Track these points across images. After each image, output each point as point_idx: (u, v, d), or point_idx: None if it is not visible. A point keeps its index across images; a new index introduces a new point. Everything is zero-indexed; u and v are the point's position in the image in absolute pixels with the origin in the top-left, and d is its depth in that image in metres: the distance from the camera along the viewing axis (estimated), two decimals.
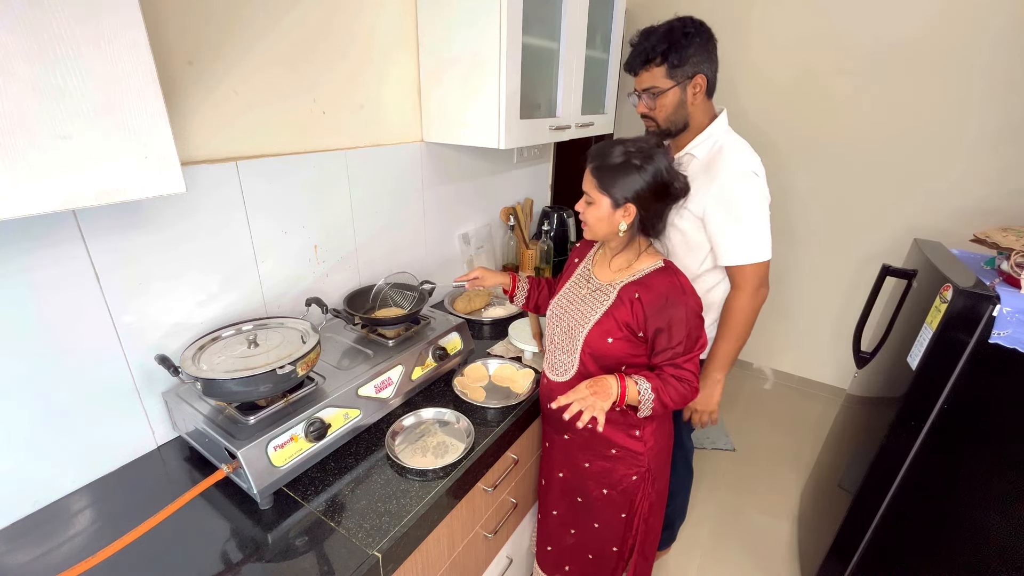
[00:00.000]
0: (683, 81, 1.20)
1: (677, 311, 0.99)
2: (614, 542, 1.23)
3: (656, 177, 0.97)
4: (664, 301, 0.99)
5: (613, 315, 1.04)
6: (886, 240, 2.48)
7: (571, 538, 1.30)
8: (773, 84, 2.51)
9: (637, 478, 1.14)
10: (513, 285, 1.34)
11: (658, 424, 1.14)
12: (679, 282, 1.01)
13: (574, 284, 1.16)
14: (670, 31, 1.19)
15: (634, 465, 1.13)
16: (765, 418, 2.68)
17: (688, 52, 1.18)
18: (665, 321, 0.99)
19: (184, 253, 1.01)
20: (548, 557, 1.37)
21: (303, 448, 0.94)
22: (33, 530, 0.84)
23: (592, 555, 1.28)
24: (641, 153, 0.97)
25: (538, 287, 1.36)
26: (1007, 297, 1.09)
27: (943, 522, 1.31)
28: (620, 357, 1.05)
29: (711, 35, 1.22)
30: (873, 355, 1.59)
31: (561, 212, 2.15)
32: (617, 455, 1.14)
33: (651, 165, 0.96)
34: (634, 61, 1.25)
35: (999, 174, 2.18)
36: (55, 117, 0.57)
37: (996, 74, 2.08)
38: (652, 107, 1.25)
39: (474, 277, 1.32)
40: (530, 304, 1.36)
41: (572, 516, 1.27)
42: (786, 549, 1.91)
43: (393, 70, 1.37)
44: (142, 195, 0.67)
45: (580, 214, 1.06)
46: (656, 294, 1.00)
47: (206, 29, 0.95)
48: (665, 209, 1.03)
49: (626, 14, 1.92)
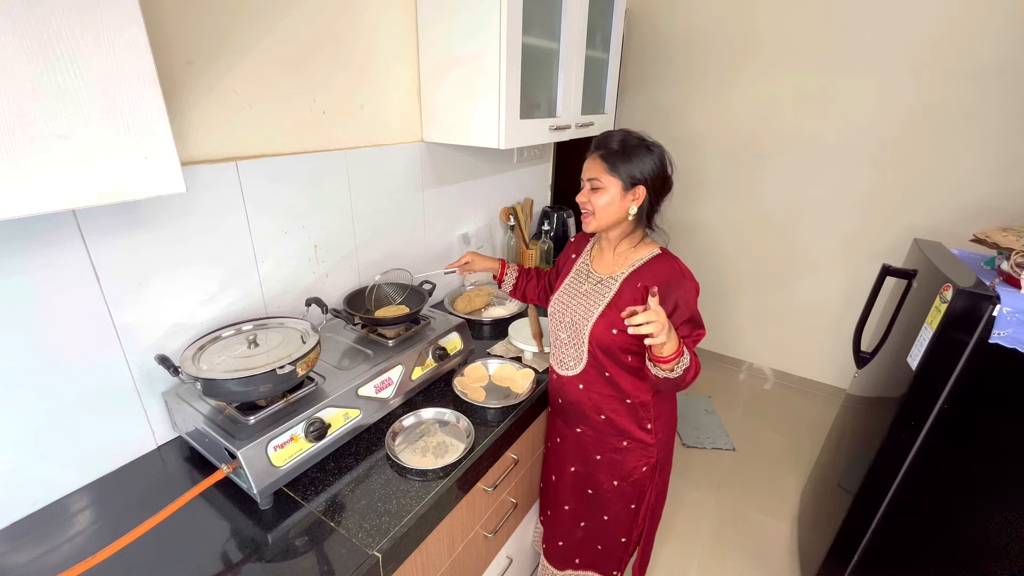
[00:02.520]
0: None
1: (680, 294, 1.02)
2: (623, 533, 1.25)
3: (662, 160, 1.02)
4: (668, 286, 1.02)
5: (617, 306, 1.05)
6: (886, 240, 2.48)
7: (581, 531, 1.31)
8: (773, 84, 2.51)
9: (647, 469, 1.16)
10: (502, 271, 1.38)
11: (667, 417, 1.17)
12: (679, 267, 1.05)
13: (574, 279, 1.16)
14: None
15: (644, 456, 1.16)
16: (765, 418, 2.68)
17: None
18: (672, 304, 1.01)
19: (184, 253, 1.00)
20: (558, 552, 1.38)
21: (303, 448, 0.94)
22: (33, 530, 0.84)
23: (601, 546, 1.31)
24: (647, 139, 1.03)
25: (527, 276, 1.40)
26: (1007, 297, 1.09)
27: (943, 522, 1.31)
28: (627, 347, 1.06)
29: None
30: (873, 355, 1.59)
31: (561, 212, 2.15)
32: (628, 447, 1.15)
33: (658, 149, 1.02)
34: None
35: (999, 174, 2.18)
36: (55, 117, 0.57)
37: (996, 74, 2.08)
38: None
39: (464, 262, 1.36)
40: (518, 291, 1.40)
41: (583, 509, 1.28)
42: (786, 549, 1.91)
43: (393, 70, 1.37)
44: (142, 195, 0.67)
45: (583, 205, 1.07)
46: (660, 280, 1.03)
47: (206, 29, 0.95)
48: (662, 198, 1.06)
49: (626, 14, 1.92)
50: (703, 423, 2.58)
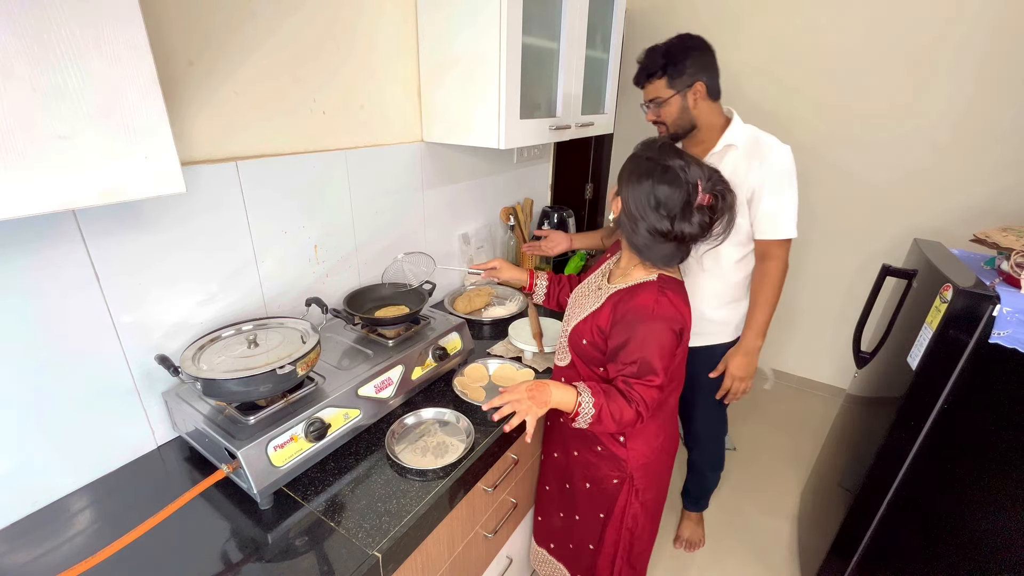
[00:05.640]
0: (683, 89, 1.33)
1: (639, 331, 0.95)
2: (591, 540, 1.24)
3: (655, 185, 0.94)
4: (631, 316, 0.96)
5: (596, 318, 1.04)
6: (886, 240, 2.48)
7: (559, 520, 1.33)
8: (773, 85, 2.51)
9: (618, 482, 1.14)
10: (531, 281, 1.37)
11: (646, 437, 1.11)
12: (652, 304, 0.95)
13: (594, 278, 1.16)
14: (669, 48, 1.33)
15: (616, 468, 1.13)
16: (765, 418, 2.68)
17: (685, 64, 1.30)
18: (625, 336, 0.96)
19: (184, 253, 1.00)
20: (539, 527, 1.41)
21: (303, 448, 0.94)
22: (32, 530, 0.84)
23: (572, 545, 1.31)
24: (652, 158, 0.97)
25: (558, 283, 1.38)
26: (1007, 297, 1.09)
27: (943, 522, 1.31)
28: (595, 359, 1.05)
29: (708, 47, 1.34)
30: (873, 355, 1.59)
31: (561, 212, 2.15)
32: (602, 453, 1.14)
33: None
34: (640, 76, 1.39)
35: (999, 174, 2.18)
36: (55, 117, 0.57)
37: (996, 74, 2.08)
38: (659, 115, 1.39)
39: (492, 267, 1.36)
40: (551, 300, 1.38)
41: (561, 500, 1.29)
42: (786, 549, 1.91)
43: (393, 70, 1.37)
44: (142, 195, 0.67)
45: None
46: (628, 306, 0.97)
47: (207, 29, 0.95)
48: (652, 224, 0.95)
49: (626, 14, 1.92)
50: None
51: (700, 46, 1.32)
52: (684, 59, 1.30)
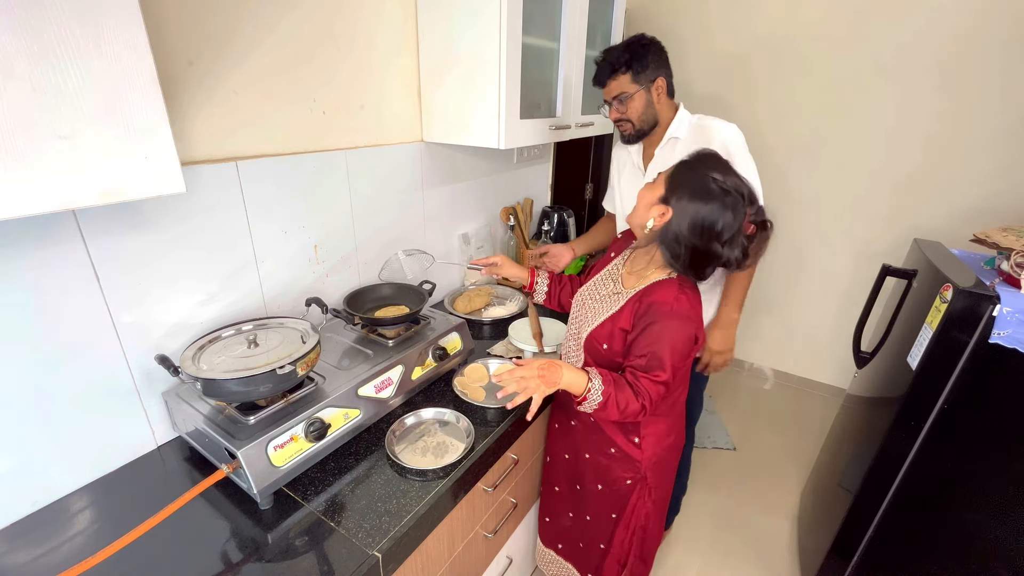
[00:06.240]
0: (647, 84, 1.36)
1: (657, 326, 0.96)
2: (602, 540, 1.24)
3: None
4: (651, 310, 0.97)
5: (615, 320, 1.03)
6: (886, 240, 2.48)
7: (568, 521, 1.32)
8: (772, 86, 2.51)
9: (631, 483, 1.14)
10: (532, 280, 1.36)
11: (659, 436, 1.13)
12: (671, 301, 0.96)
13: (601, 279, 1.15)
14: (630, 44, 1.35)
15: (630, 469, 1.14)
16: (765, 418, 2.68)
17: (648, 59, 1.34)
18: (642, 327, 0.97)
19: (184, 253, 1.00)
20: (546, 528, 1.41)
21: (303, 448, 0.94)
22: (32, 530, 0.84)
23: (582, 544, 1.31)
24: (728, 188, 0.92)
25: (559, 282, 1.37)
26: (1007, 297, 1.09)
27: (943, 522, 1.31)
28: (611, 363, 1.05)
29: (662, 47, 1.38)
30: (873, 355, 1.59)
31: (561, 212, 2.15)
32: (616, 455, 1.14)
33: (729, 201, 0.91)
34: (602, 73, 1.39)
35: (998, 174, 2.18)
36: (55, 117, 0.57)
37: (995, 74, 2.08)
38: (623, 111, 1.39)
39: (492, 263, 1.35)
40: (552, 300, 1.37)
41: (572, 500, 1.29)
42: (786, 549, 1.91)
43: (393, 70, 1.37)
44: (142, 195, 0.67)
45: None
46: (646, 303, 0.98)
47: (207, 29, 0.95)
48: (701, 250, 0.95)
49: (626, 14, 1.92)
50: (703, 423, 2.58)
51: (658, 44, 1.36)
52: (646, 55, 1.33)
